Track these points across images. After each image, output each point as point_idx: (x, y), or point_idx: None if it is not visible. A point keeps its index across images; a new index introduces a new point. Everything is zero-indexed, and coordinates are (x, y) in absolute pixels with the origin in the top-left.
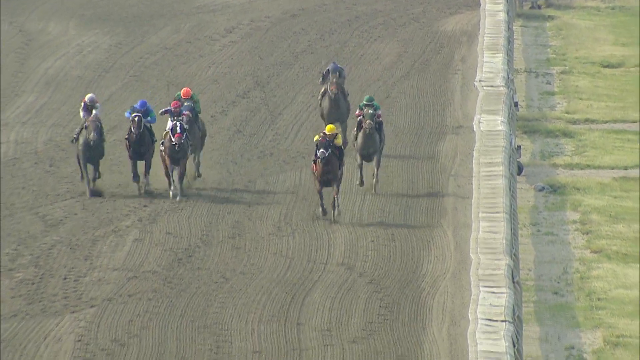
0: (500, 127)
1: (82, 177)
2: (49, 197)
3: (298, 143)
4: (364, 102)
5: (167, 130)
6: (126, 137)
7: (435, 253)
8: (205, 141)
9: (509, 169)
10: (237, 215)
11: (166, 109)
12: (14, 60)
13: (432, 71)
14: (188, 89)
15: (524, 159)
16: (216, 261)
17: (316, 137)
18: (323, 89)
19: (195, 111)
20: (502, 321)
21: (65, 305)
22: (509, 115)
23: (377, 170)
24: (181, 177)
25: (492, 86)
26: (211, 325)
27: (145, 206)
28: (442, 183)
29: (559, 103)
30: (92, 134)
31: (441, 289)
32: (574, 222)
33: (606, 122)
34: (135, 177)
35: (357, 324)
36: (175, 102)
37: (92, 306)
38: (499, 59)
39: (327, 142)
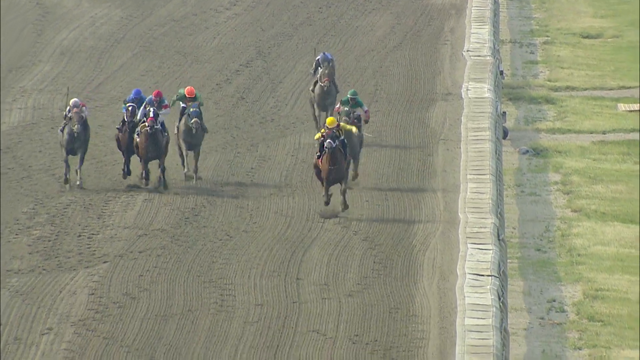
0: (486, 95)
1: (66, 169)
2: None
3: (297, 110)
4: (348, 95)
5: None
6: (118, 127)
7: (425, 212)
8: (205, 135)
9: (495, 134)
10: (240, 177)
11: (144, 106)
12: (31, 32)
13: (423, 42)
14: (192, 88)
15: (509, 124)
16: (221, 220)
17: (317, 135)
18: (315, 80)
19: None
20: (488, 276)
21: (79, 261)
22: (494, 83)
23: (356, 174)
24: (162, 168)
25: (479, 56)
26: (216, 280)
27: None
28: (432, 147)
29: (541, 72)
30: (75, 125)
31: (431, 246)
32: (556, 183)
33: (586, 89)
34: (126, 174)
35: (353, 278)
36: (157, 91)
37: (104, 262)
38: (486, 30)
39: (333, 133)
